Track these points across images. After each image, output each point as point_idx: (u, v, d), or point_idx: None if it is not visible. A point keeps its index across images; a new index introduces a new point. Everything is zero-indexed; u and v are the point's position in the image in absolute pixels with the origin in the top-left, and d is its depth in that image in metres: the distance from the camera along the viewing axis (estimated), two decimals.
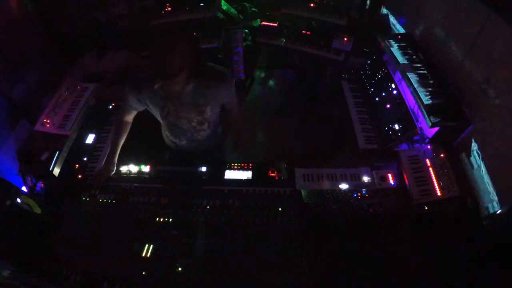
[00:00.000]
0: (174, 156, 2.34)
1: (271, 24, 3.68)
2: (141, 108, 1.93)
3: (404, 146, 2.28)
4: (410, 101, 2.28)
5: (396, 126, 2.23)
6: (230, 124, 2.22)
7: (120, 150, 2.07)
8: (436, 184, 1.92)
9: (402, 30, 2.89)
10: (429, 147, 2.09)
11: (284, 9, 3.49)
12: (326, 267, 1.62)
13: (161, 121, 1.97)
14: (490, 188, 1.75)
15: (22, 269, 1.47)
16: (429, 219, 1.86)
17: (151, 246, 1.66)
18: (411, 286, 1.59)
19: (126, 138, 2.09)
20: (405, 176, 1.98)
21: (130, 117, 2.01)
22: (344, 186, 1.98)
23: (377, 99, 2.56)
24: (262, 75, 4.61)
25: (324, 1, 3.34)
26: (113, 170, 2.04)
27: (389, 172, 2.02)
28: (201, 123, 1.91)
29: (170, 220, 1.78)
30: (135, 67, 2.98)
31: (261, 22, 3.79)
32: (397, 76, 2.47)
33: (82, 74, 3.08)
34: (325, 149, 3.31)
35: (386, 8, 3.22)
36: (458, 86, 2.07)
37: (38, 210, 1.83)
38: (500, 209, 1.66)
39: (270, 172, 2.03)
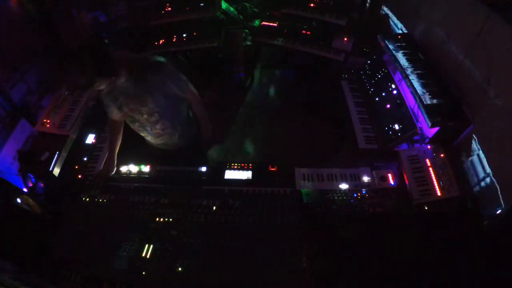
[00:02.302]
0: (157, 158, 2.35)
1: (271, 24, 3.68)
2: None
3: (404, 146, 2.28)
4: (410, 101, 2.28)
5: (396, 126, 2.23)
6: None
7: (120, 150, 2.08)
8: (436, 184, 1.92)
9: (402, 30, 2.89)
10: (429, 147, 2.09)
11: (284, 9, 3.50)
12: (326, 267, 1.62)
13: (119, 115, 1.98)
14: (490, 188, 1.75)
15: (22, 269, 1.47)
16: (429, 219, 1.86)
17: (151, 246, 1.66)
18: (411, 286, 1.59)
19: (127, 138, 2.10)
20: (405, 176, 1.98)
21: (116, 115, 2.02)
22: (344, 186, 1.98)
23: (377, 99, 2.56)
24: (262, 75, 4.61)
25: (324, 1, 3.34)
26: (112, 171, 2.05)
27: (389, 172, 2.02)
28: (150, 114, 1.93)
29: (170, 220, 1.78)
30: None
31: (261, 22, 3.79)
32: (397, 76, 2.47)
33: None
34: (325, 149, 3.32)
35: (386, 8, 3.22)
36: (458, 86, 2.06)
37: (38, 210, 1.83)
38: (500, 209, 1.66)
39: (270, 166, 2.05)
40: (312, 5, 3.38)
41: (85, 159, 2.27)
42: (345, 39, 3.24)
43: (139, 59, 1.82)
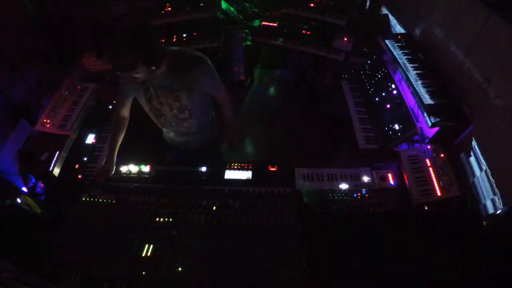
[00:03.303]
0: (173, 157, 2.35)
1: (271, 24, 3.68)
2: (134, 94, 1.94)
3: (404, 146, 2.28)
4: (410, 101, 2.28)
5: (396, 126, 2.23)
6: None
7: (120, 150, 2.07)
8: (436, 184, 1.92)
9: (402, 30, 2.89)
10: (429, 147, 2.09)
11: (284, 9, 3.50)
12: (326, 267, 1.62)
13: (146, 107, 1.96)
14: (490, 188, 1.75)
15: (22, 269, 1.47)
16: (429, 219, 1.86)
17: (151, 246, 1.65)
18: (411, 285, 1.59)
19: (127, 138, 2.09)
20: (405, 176, 1.98)
21: (125, 111, 2.02)
22: (344, 186, 1.98)
23: (377, 99, 2.56)
24: (262, 75, 4.61)
25: (324, 1, 3.34)
26: (112, 170, 2.04)
27: (389, 172, 2.02)
28: (181, 111, 1.90)
29: (170, 220, 1.78)
30: None
31: (261, 22, 3.79)
32: (397, 76, 2.47)
33: (82, 74, 3.07)
34: (325, 149, 3.32)
35: (386, 8, 3.22)
36: (458, 86, 2.06)
37: (38, 210, 1.83)
38: (500, 209, 1.66)
39: (270, 166, 2.05)
40: (312, 5, 3.38)
41: (85, 159, 2.27)
42: (345, 39, 3.24)
43: (182, 52, 1.79)
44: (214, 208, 1.81)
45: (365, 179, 2.00)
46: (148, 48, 1.55)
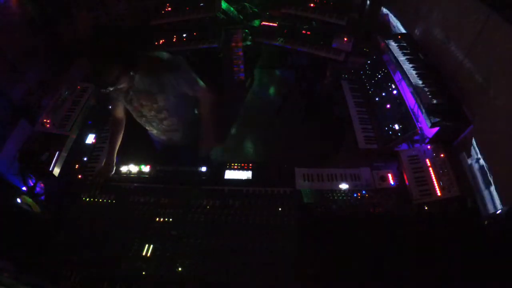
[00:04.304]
0: (163, 154, 2.38)
1: (271, 24, 3.68)
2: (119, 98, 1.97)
3: (404, 146, 2.28)
4: (410, 101, 2.28)
5: (396, 126, 2.23)
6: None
7: (121, 150, 2.08)
8: (436, 184, 1.92)
9: (402, 30, 2.89)
10: (429, 147, 2.09)
11: (284, 9, 3.49)
12: (326, 267, 1.62)
13: (129, 108, 2.01)
14: (490, 188, 1.75)
15: (22, 269, 1.47)
16: (429, 219, 1.86)
17: (151, 246, 1.66)
18: (411, 286, 1.59)
19: (127, 138, 2.10)
20: (405, 176, 1.98)
21: (120, 112, 2.05)
22: (344, 186, 1.98)
23: (377, 99, 2.56)
24: (262, 75, 4.61)
25: (324, 1, 3.34)
26: (112, 170, 2.04)
27: (389, 172, 2.02)
28: (159, 111, 1.95)
29: (170, 220, 1.78)
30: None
31: (261, 22, 3.79)
32: (397, 76, 2.47)
33: (82, 74, 3.07)
34: (325, 149, 3.32)
35: (386, 8, 3.21)
36: (458, 86, 2.06)
37: (38, 210, 1.83)
38: (500, 209, 1.66)
39: (270, 166, 2.07)
40: (312, 5, 3.37)
41: (85, 159, 2.27)
42: (345, 39, 3.23)
43: (155, 56, 1.84)
44: (214, 208, 1.81)
45: (365, 179, 1.99)
46: (123, 58, 1.60)
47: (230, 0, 3.68)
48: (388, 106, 2.41)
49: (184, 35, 3.63)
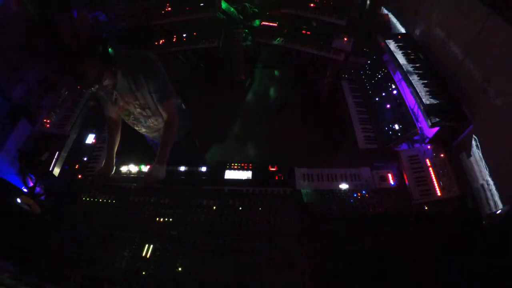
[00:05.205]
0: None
1: (271, 24, 3.69)
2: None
3: (404, 146, 2.28)
4: (410, 101, 2.28)
5: (396, 126, 2.23)
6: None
7: (121, 150, 2.08)
8: (436, 184, 1.92)
9: (402, 30, 2.89)
10: (429, 147, 2.09)
11: (284, 9, 3.50)
12: (326, 267, 1.62)
13: (116, 110, 2.01)
14: (490, 188, 1.75)
15: (22, 269, 1.47)
16: (429, 219, 1.86)
17: (151, 246, 1.66)
18: (411, 285, 1.59)
19: (127, 138, 2.09)
20: (405, 176, 1.98)
21: (113, 113, 2.04)
22: (344, 186, 1.98)
23: (377, 99, 2.56)
24: (262, 75, 4.61)
25: (324, 1, 3.34)
26: (112, 170, 2.04)
27: (389, 172, 2.02)
28: (143, 108, 1.96)
29: (170, 220, 1.78)
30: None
31: (261, 22, 3.80)
32: (397, 76, 2.47)
33: None
34: (325, 149, 3.32)
35: (386, 8, 3.22)
36: (458, 86, 2.06)
37: (38, 210, 1.83)
38: (500, 209, 1.66)
39: (270, 166, 2.05)
40: (312, 5, 3.38)
41: (85, 159, 2.27)
42: (345, 39, 3.23)
43: (132, 54, 1.85)
44: (214, 208, 1.81)
45: (365, 179, 1.99)
46: (99, 55, 1.61)
47: (230, 0, 3.68)
48: (388, 106, 2.41)
49: (184, 35, 3.64)
